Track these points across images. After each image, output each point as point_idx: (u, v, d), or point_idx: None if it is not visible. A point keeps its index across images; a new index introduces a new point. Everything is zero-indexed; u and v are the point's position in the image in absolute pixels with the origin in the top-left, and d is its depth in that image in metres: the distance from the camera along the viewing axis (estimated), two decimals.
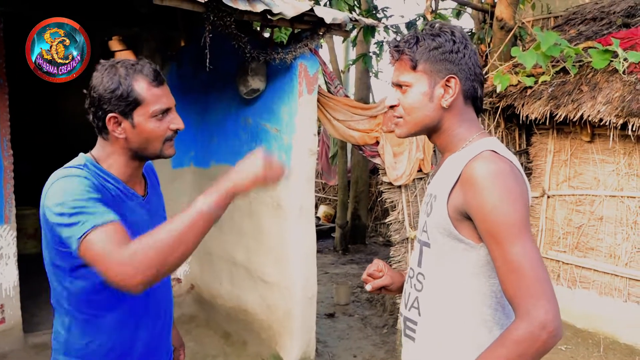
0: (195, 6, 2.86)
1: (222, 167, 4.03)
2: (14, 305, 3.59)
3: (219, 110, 4.08)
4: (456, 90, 1.23)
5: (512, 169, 1.14)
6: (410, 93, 1.25)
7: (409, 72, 1.24)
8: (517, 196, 1.11)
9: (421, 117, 1.25)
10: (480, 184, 1.12)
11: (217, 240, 4.09)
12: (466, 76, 1.24)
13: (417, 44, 1.23)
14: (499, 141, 1.25)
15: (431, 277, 1.26)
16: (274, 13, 3.01)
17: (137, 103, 1.32)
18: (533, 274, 1.06)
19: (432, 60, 1.22)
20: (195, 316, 4.30)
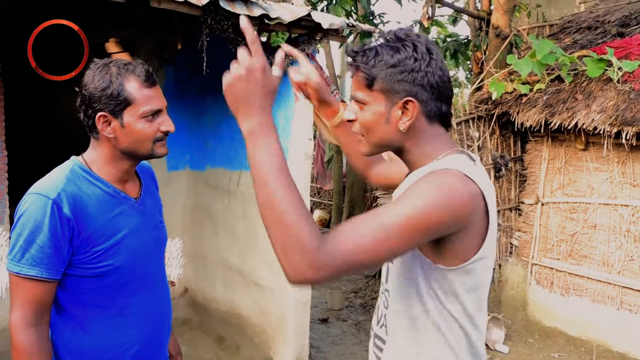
0: (193, 9, 2.85)
1: (218, 171, 4.02)
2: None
3: (214, 113, 4.08)
4: (414, 114, 1.10)
5: (470, 195, 1.02)
6: (366, 111, 1.13)
7: (364, 90, 1.12)
8: (441, 205, 0.98)
9: (378, 138, 1.14)
10: (427, 176, 1.04)
11: (211, 243, 4.08)
12: (428, 96, 1.11)
13: (375, 58, 1.09)
14: (466, 158, 1.13)
15: (394, 294, 1.19)
16: (271, 17, 3.02)
17: (127, 103, 1.32)
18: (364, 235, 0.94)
19: (389, 80, 1.09)
20: (189, 320, 4.28)
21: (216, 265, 4.05)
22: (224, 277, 3.95)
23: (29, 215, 1.27)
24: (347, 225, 0.97)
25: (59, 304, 1.37)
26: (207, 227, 4.13)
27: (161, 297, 1.53)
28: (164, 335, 1.55)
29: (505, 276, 4.86)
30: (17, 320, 1.28)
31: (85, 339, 1.38)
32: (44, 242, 1.26)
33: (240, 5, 2.97)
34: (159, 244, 1.55)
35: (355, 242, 0.93)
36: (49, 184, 1.32)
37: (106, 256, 1.34)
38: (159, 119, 1.38)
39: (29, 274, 1.26)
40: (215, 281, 4.05)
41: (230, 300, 3.88)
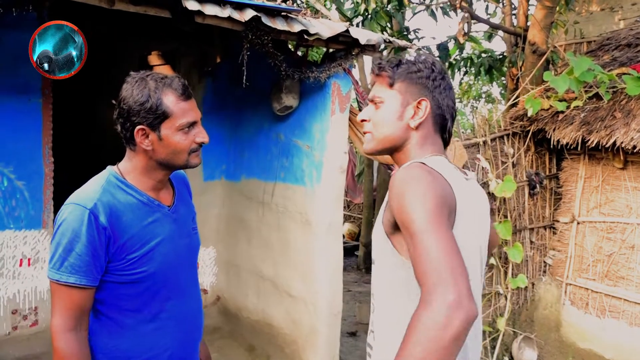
0: (235, 25, 2.94)
1: (252, 182, 4.10)
2: (47, 309, 3.69)
3: (251, 125, 4.16)
4: (426, 113, 1.27)
5: (429, 173, 1.12)
6: (382, 109, 1.30)
7: (385, 89, 1.30)
8: (430, 192, 1.07)
9: (388, 133, 1.29)
10: (395, 186, 1.13)
11: (245, 253, 4.15)
12: (438, 104, 1.28)
13: (399, 66, 1.29)
14: (446, 161, 1.26)
15: (378, 296, 1.25)
16: (310, 33, 3.09)
17: (165, 116, 1.36)
18: (437, 254, 0.99)
19: (408, 81, 1.28)
20: (220, 328, 4.34)
21: (249, 274, 4.10)
22: (257, 287, 4.00)
23: (68, 225, 1.32)
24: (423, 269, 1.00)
25: (96, 309, 1.42)
26: (241, 237, 4.20)
27: (194, 302, 1.57)
28: (196, 340, 1.58)
29: (538, 295, 4.78)
30: (57, 325, 1.32)
31: (121, 343, 1.42)
32: (82, 251, 1.31)
33: (281, 21, 3.05)
34: (192, 251, 1.59)
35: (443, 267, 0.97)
36: (86, 194, 1.37)
37: (140, 263, 1.38)
38: (194, 131, 1.42)
39: (68, 282, 1.31)
40: (248, 290, 4.11)
41: (262, 309, 3.93)
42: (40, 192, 3.60)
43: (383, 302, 1.22)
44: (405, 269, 1.15)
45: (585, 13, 6.27)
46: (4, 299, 3.52)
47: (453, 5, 5.49)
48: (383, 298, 1.23)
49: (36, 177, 3.58)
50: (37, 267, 3.63)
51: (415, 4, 6.90)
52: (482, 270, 1.31)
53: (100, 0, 2.53)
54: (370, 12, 5.69)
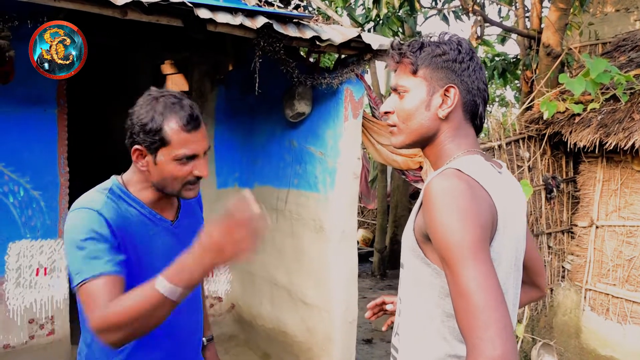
0: (247, 32, 2.95)
1: (266, 189, 4.09)
2: (64, 318, 3.70)
3: (264, 132, 4.16)
4: (455, 101, 1.16)
5: (469, 187, 1.03)
6: (407, 99, 1.18)
7: (408, 77, 1.18)
8: (470, 215, 1.00)
9: (416, 125, 1.18)
10: (432, 201, 1.04)
11: (258, 260, 4.13)
12: (467, 89, 1.17)
13: (421, 50, 1.17)
14: (482, 159, 1.16)
15: (406, 300, 1.19)
16: (322, 39, 3.08)
17: (163, 143, 1.31)
18: (481, 302, 0.93)
19: (433, 67, 1.16)
20: (235, 336, 4.32)
21: (263, 282, 4.09)
22: (271, 294, 3.98)
23: (82, 226, 1.29)
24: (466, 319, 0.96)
25: None
26: None
27: (190, 315, 1.53)
28: (191, 351, 1.54)
29: (557, 301, 4.70)
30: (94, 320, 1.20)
31: (114, 356, 1.40)
32: (102, 245, 1.28)
33: (292, 28, 3.04)
34: None
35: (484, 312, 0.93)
36: (91, 200, 1.35)
37: (132, 275, 1.33)
38: (193, 162, 1.36)
39: (95, 273, 1.23)
40: (262, 298, 4.09)
41: (277, 317, 3.91)
42: (56, 202, 3.63)
43: (411, 305, 1.18)
44: (434, 276, 1.11)
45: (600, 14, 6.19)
46: (21, 308, 3.55)
47: (465, 9, 5.46)
48: (411, 302, 1.18)
49: (52, 187, 3.61)
50: (54, 277, 3.64)
51: (427, 8, 6.88)
52: (517, 281, 1.23)
53: (114, 11, 2.55)
54: (382, 18, 5.68)
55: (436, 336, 1.12)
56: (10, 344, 3.52)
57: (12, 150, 3.46)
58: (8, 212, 3.47)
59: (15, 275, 3.51)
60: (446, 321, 1.11)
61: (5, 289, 3.49)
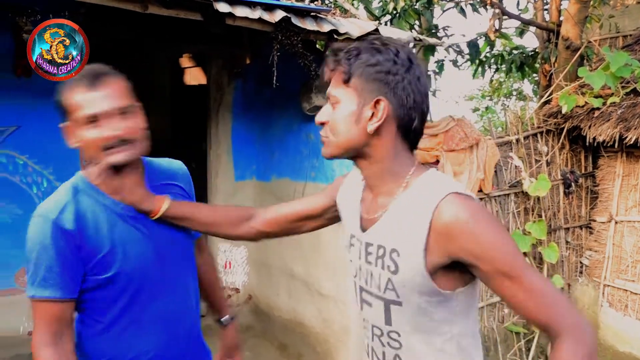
0: (265, 26, 2.97)
1: (283, 181, 4.13)
2: None
3: (281, 125, 4.19)
4: (383, 115, 1.09)
5: (482, 207, 1.12)
6: (338, 110, 1.12)
7: (340, 86, 1.12)
8: (504, 229, 1.10)
9: (344, 138, 1.12)
10: (470, 230, 1.02)
11: (275, 252, 4.17)
12: (400, 102, 1.09)
13: (357, 57, 1.09)
14: (440, 172, 1.15)
15: (409, 333, 1.15)
16: (340, 33, 3.09)
17: (68, 110, 1.26)
18: (556, 295, 1.05)
19: (365, 77, 1.09)
20: (252, 326, 4.38)
21: (280, 273, 4.13)
22: (288, 286, 4.03)
23: (34, 239, 1.29)
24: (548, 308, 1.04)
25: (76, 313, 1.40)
26: None
27: (183, 302, 1.48)
28: (186, 339, 1.49)
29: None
30: (36, 341, 1.28)
31: (103, 347, 1.39)
32: (51, 263, 1.27)
33: (310, 21, 3.06)
34: (178, 249, 1.48)
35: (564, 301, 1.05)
36: (50, 204, 1.33)
37: (110, 265, 1.32)
38: (105, 122, 1.25)
39: (43, 296, 1.27)
40: (279, 289, 4.13)
41: (294, 308, 3.95)
42: None
43: (416, 338, 1.15)
44: (447, 300, 1.11)
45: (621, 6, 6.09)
46: None
47: (483, 2, 5.41)
48: (416, 334, 1.15)
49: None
50: None
51: (444, 1, 6.84)
52: None
53: (135, 5, 2.59)
54: (399, 11, 5.66)
55: (458, 352, 1.15)
56: None
57: (35, 142, 3.55)
58: (32, 203, 3.56)
59: None
60: (457, 337, 1.15)
61: None
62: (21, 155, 3.53)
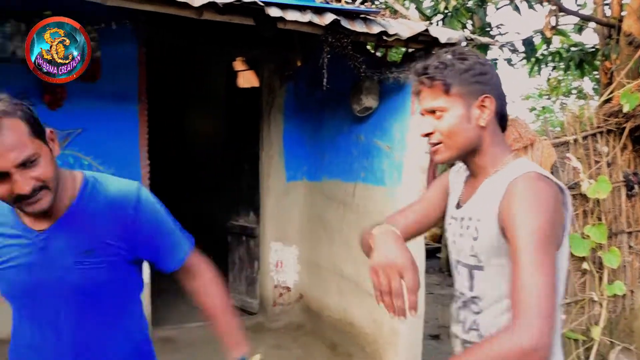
0: (315, 29, 3.03)
1: (334, 182, 4.17)
2: (145, 301, 3.96)
3: (331, 127, 4.24)
4: (492, 109, 1.25)
5: (555, 197, 1.15)
6: (446, 117, 1.25)
7: (442, 97, 1.24)
8: (549, 213, 1.11)
9: (462, 139, 1.25)
10: (518, 194, 1.14)
11: (326, 252, 4.22)
12: (497, 94, 1.26)
13: (447, 69, 1.23)
14: (532, 162, 1.27)
15: (488, 298, 1.27)
16: (389, 34, 3.10)
17: None
18: (541, 287, 1.05)
19: (464, 83, 1.23)
20: (303, 325, 4.45)
21: (330, 273, 4.17)
22: (338, 286, 4.06)
23: None
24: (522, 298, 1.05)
25: None
26: (323, 236, 4.28)
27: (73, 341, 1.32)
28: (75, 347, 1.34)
29: (638, 304, 4.46)
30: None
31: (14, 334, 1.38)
32: None
33: (359, 23, 3.09)
34: (72, 287, 1.29)
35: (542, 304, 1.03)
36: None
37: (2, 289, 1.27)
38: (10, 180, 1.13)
39: None
40: (330, 289, 4.18)
41: (344, 308, 3.98)
42: None
43: (496, 303, 1.25)
44: None
45: None
46: None
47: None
48: (496, 299, 1.24)
49: (134, 178, 3.84)
50: None
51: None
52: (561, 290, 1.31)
53: (190, 11, 2.71)
54: (450, 10, 5.58)
55: None
56: None
57: (99, 143, 3.74)
58: None
59: None
60: None
61: None
62: (86, 156, 3.73)
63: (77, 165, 3.70)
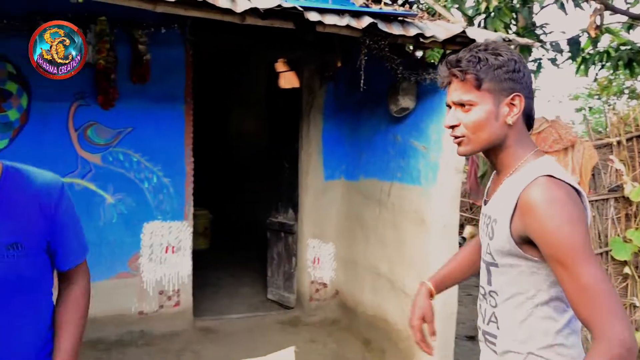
0: (354, 32, 3.11)
1: (370, 181, 4.24)
2: (187, 292, 4.16)
3: (369, 127, 4.31)
4: (520, 108, 1.26)
5: (568, 194, 1.17)
6: (474, 111, 1.26)
7: (472, 91, 1.25)
8: (576, 220, 1.14)
9: (487, 135, 1.27)
10: (538, 211, 1.15)
11: (362, 249, 4.30)
12: (527, 93, 1.27)
13: (480, 63, 1.24)
14: (552, 159, 1.27)
15: (503, 293, 1.33)
16: (426, 36, 3.15)
17: None
18: (604, 294, 1.09)
19: (496, 79, 1.24)
20: (339, 320, 4.54)
21: (366, 271, 4.25)
22: (373, 283, 4.13)
23: None
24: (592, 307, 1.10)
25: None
26: (359, 235, 4.37)
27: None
28: None
29: None
30: None
31: None
32: None
33: (397, 26, 3.15)
34: None
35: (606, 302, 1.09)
36: None
37: None
38: None
39: None
40: (365, 286, 4.25)
41: (378, 305, 4.05)
42: (182, 188, 4.08)
43: (509, 298, 1.31)
44: (537, 268, 1.24)
45: None
46: (153, 280, 4.05)
47: None
48: (509, 294, 1.31)
49: (179, 175, 4.07)
50: (179, 255, 4.10)
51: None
52: None
53: (234, 17, 2.84)
54: (492, 9, 5.54)
55: (543, 316, 1.27)
56: (144, 311, 4.04)
57: (147, 141, 3.96)
58: (143, 196, 3.98)
59: (148, 251, 4.02)
60: (552, 302, 1.26)
61: (140, 263, 4.00)
62: (135, 154, 3.95)
63: (127, 162, 3.93)
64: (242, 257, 6.33)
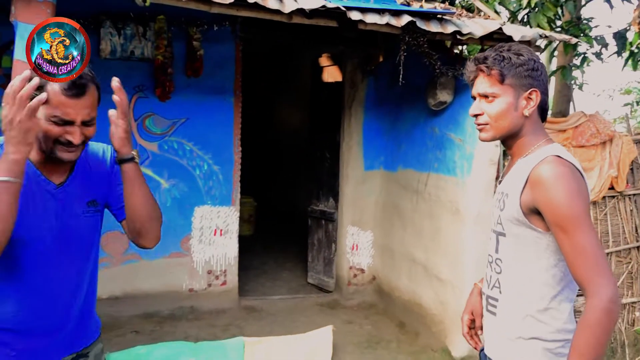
0: (393, 29, 3.28)
1: (408, 172, 4.41)
2: (233, 272, 4.46)
3: (408, 119, 4.47)
4: (537, 102, 1.46)
5: (572, 171, 1.36)
6: (497, 103, 1.46)
7: (496, 85, 1.45)
8: (578, 193, 1.33)
9: (507, 123, 1.47)
10: (546, 184, 1.35)
11: (399, 238, 4.48)
12: (542, 90, 1.47)
13: (504, 61, 1.44)
14: (561, 146, 1.46)
15: (508, 260, 1.50)
16: (463, 33, 3.30)
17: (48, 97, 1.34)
18: (596, 256, 1.29)
19: (518, 76, 1.45)
20: (375, 304, 4.74)
21: (402, 258, 4.43)
22: (409, 269, 4.31)
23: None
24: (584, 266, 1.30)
25: None
26: (396, 223, 4.55)
27: (70, 283, 1.51)
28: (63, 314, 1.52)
29: None
30: None
31: None
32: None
33: (435, 24, 3.31)
34: (80, 232, 1.51)
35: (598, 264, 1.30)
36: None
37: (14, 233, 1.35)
38: (68, 127, 1.37)
39: None
40: (401, 272, 4.44)
41: (413, 290, 4.23)
42: (230, 175, 4.37)
43: (515, 262, 1.48)
44: (540, 237, 1.41)
45: None
46: (202, 261, 4.36)
47: None
48: (514, 260, 1.48)
49: (228, 163, 4.36)
50: (227, 237, 4.40)
51: None
52: None
53: (281, 16, 3.07)
54: (535, 4, 5.55)
55: (541, 282, 1.44)
56: (194, 289, 4.36)
57: (199, 131, 4.26)
58: (195, 182, 4.29)
59: (198, 233, 4.33)
60: (550, 270, 1.43)
61: (191, 244, 4.32)
62: (188, 142, 4.26)
63: (181, 150, 4.24)
64: (284, 243, 6.61)
